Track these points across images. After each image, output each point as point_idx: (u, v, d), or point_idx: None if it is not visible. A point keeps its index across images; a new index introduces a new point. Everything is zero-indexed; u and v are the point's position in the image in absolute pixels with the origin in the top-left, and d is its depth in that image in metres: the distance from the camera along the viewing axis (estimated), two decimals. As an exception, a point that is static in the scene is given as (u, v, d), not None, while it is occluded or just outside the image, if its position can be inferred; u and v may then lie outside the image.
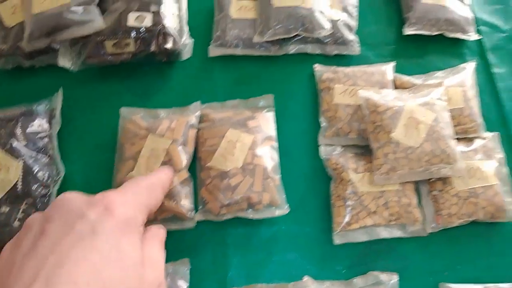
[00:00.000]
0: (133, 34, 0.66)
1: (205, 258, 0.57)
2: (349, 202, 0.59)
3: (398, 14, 0.75)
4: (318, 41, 0.71)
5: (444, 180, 0.60)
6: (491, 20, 0.75)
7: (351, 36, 0.71)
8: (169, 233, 0.57)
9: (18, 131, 0.60)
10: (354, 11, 0.73)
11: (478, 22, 0.74)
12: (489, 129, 0.65)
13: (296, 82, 0.70)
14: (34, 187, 0.57)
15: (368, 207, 0.59)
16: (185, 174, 0.60)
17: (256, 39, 0.69)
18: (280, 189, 0.60)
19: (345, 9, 0.72)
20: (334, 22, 0.70)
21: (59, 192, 0.60)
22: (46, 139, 0.62)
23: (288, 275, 0.56)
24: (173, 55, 0.69)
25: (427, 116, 0.61)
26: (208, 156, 0.61)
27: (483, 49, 0.72)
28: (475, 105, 0.66)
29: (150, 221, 0.58)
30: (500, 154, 0.64)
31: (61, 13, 0.65)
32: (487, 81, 0.70)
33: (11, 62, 0.70)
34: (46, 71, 0.70)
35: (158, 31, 0.67)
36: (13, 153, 0.58)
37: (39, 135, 0.62)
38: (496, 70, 0.71)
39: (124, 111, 0.66)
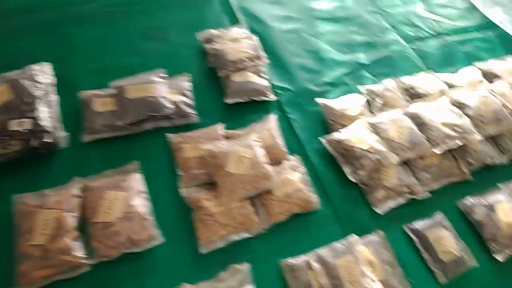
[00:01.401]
0: (16, 136, 0.83)
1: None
2: (207, 222, 0.82)
3: (220, 90, 1.06)
4: (167, 117, 0.97)
5: (269, 191, 0.88)
6: (282, 85, 1.11)
7: (190, 110, 0.99)
8: (69, 280, 0.73)
9: None
10: (189, 93, 1.02)
11: (274, 87, 1.10)
12: (293, 153, 0.97)
13: (155, 148, 0.94)
14: None
15: (220, 222, 0.82)
16: (75, 233, 0.76)
17: (119, 123, 0.92)
18: (155, 226, 0.80)
19: (182, 92, 1.01)
20: (176, 103, 0.98)
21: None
22: None
23: (171, 283, 0.74)
24: (52, 146, 0.88)
25: (247, 153, 0.89)
26: (93, 214, 0.79)
27: (281, 104, 1.07)
28: (280, 141, 0.97)
29: (51, 275, 0.72)
30: (302, 169, 0.95)
31: None
32: (287, 124, 1.03)
33: None
34: None
35: (37, 131, 0.85)
36: None
37: None
38: (291, 116, 1.05)
39: (16, 197, 0.80)
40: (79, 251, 0.74)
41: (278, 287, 0.78)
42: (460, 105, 1.07)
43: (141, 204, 0.82)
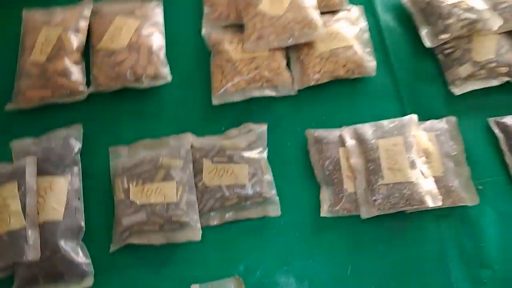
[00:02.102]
0: None
1: (98, 125, 0.66)
2: (225, 69, 0.66)
3: None
4: None
5: (310, 45, 0.68)
6: None
7: None
8: (63, 105, 0.66)
9: None
10: None
11: None
12: (355, 3, 0.73)
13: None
14: None
15: (241, 71, 0.66)
16: (76, 55, 0.67)
17: None
18: (164, 63, 0.68)
19: None
20: None
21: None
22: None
23: (174, 131, 0.64)
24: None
25: (290, -10, 0.68)
26: (98, 40, 0.68)
27: None
28: (340, -18, 0.74)
29: (47, 97, 0.65)
30: (363, 23, 0.72)
31: None
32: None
33: None
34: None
35: None
36: None
37: None
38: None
39: (25, 12, 0.72)
40: (78, 76, 0.66)
41: (297, 159, 0.64)
42: None
43: (154, 37, 0.69)
